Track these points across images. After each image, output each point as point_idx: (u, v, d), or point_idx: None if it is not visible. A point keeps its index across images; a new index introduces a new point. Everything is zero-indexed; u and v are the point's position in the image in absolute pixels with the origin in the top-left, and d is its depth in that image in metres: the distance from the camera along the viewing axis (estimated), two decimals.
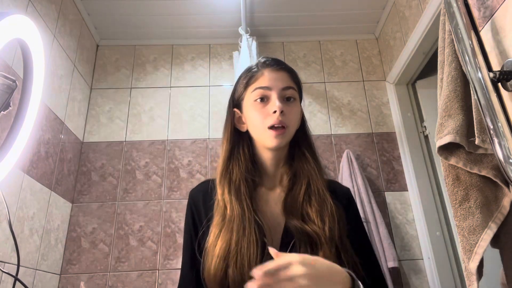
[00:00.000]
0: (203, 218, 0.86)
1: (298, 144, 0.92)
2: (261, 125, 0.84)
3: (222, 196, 0.85)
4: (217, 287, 0.76)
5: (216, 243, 0.78)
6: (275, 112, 0.82)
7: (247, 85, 0.89)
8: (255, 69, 0.90)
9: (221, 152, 0.92)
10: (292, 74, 0.91)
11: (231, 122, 0.92)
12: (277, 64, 0.90)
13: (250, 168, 0.88)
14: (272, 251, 0.64)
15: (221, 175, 0.88)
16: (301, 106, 0.93)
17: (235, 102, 0.93)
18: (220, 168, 0.89)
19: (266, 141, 0.85)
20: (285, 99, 0.86)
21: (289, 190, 0.87)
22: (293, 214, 0.82)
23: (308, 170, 0.87)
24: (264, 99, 0.85)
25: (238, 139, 0.91)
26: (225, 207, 0.83)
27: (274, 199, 0.88)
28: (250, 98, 0.87)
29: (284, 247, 0.79)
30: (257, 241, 0.77)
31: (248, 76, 0.90)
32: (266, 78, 0.87)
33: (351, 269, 0.73)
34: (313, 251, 0.76)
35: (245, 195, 0.83)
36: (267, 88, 0.85)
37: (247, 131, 0.91)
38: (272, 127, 0.83)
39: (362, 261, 0.79)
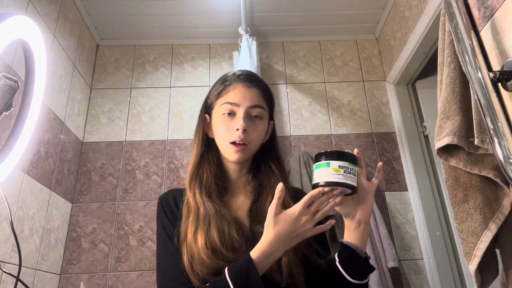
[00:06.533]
0: (173, 219, 0.87)
1: (265, 157, 0.96)
2: (225, 138, 0.88)
3: (194, 198, 0.87)
4: (211, 271, 0.77)
5: (196, 238, 0.80)
6: (238, 129, 0.86)
7: (218, 96, 0.92)
8: (228, 82, 0.92)
9: (191, 156, 0.95)
10: (264, 91, 0.94)
11: (202, 127, 0.96)
12: (249, 81, 0.92)
13: (219, 173, 0.93)
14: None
15: (192, 178, 0.91)
16: (272, 121, 0.97)
17: (207, 109, 0.96)
18: (190, 171, 0.92)
19: (227, 155, 0.89)
20: (251, 117, 0.89)
21: (255, 199, 0.91)
22: (258, 221, 0.85)
23: (275, 183, 0.89)
24: (231, 114, 0.88)
25: (208, 144, 0.95)
26: (198, 208, 0.85)
27: (236, 204, 0.92)
28: (219, 110, 0.90)
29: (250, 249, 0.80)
30: (242, 232, 0.83)
31: (221, 88, 0.92)
32: (236, 93, 0.89)
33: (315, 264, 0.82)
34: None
35: (214, 198, 0.88)
36: (235, 104, 0.88)
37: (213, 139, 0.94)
38: (233, 143, 0.86)
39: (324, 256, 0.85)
